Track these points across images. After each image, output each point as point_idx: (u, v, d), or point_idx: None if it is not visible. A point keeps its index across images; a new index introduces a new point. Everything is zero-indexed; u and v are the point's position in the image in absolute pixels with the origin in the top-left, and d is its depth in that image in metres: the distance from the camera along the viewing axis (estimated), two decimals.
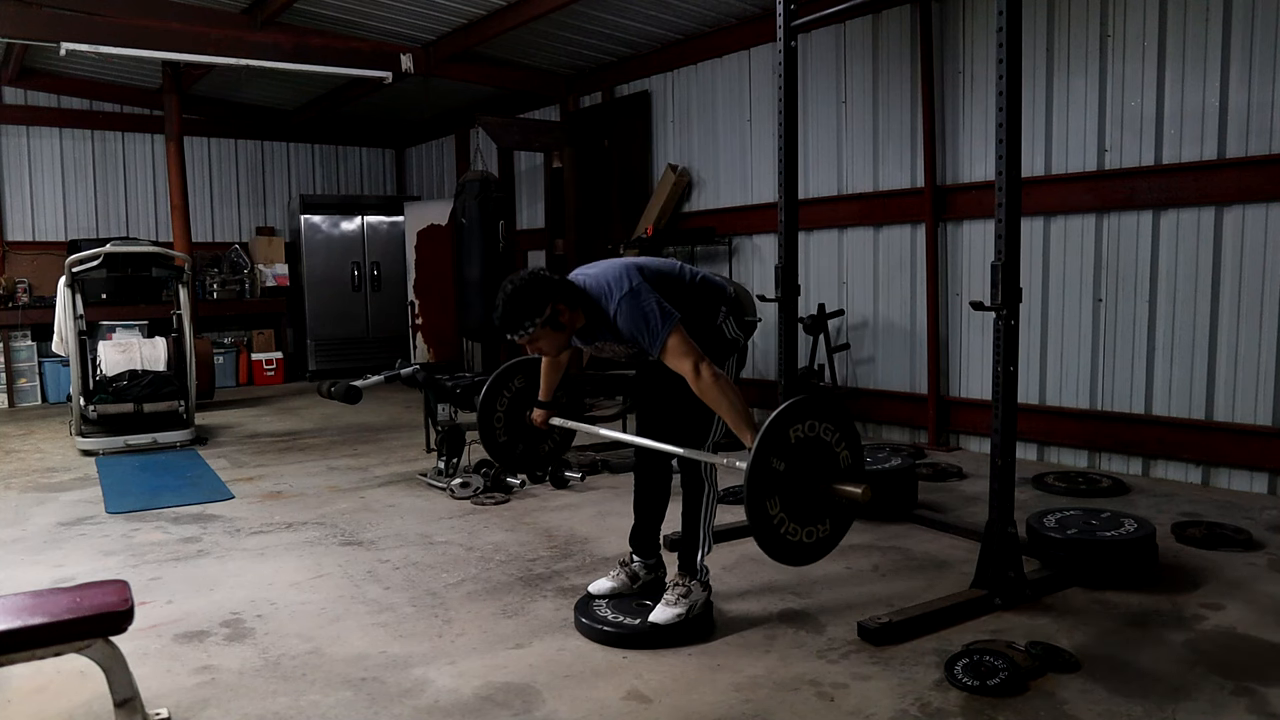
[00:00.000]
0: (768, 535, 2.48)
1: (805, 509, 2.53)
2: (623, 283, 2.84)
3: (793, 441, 2.53)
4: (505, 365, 3.58)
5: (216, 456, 6.22)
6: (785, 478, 2.50)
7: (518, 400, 3.54)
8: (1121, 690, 2.59)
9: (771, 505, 2.48)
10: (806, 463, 2.54)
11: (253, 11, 7.31)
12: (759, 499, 2.46)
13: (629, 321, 2.81)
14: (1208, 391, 4.79)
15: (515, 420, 3.54)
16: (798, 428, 2.55)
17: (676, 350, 2.76)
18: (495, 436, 3.53)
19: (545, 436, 3.61)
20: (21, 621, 2.08)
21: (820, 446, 2.58)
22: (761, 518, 2.47)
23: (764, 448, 2.48)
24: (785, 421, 2.53)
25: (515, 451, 3.58)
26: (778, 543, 2.50)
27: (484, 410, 3.50)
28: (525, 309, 2.81)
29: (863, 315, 6.43)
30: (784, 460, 2.50)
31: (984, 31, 5.56)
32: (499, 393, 3.52)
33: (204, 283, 9.80)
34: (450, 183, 10.60)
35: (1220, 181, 4.63)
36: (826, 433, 2.60)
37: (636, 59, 7.98)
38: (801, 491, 2.53)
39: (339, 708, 2.60)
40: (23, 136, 9.51)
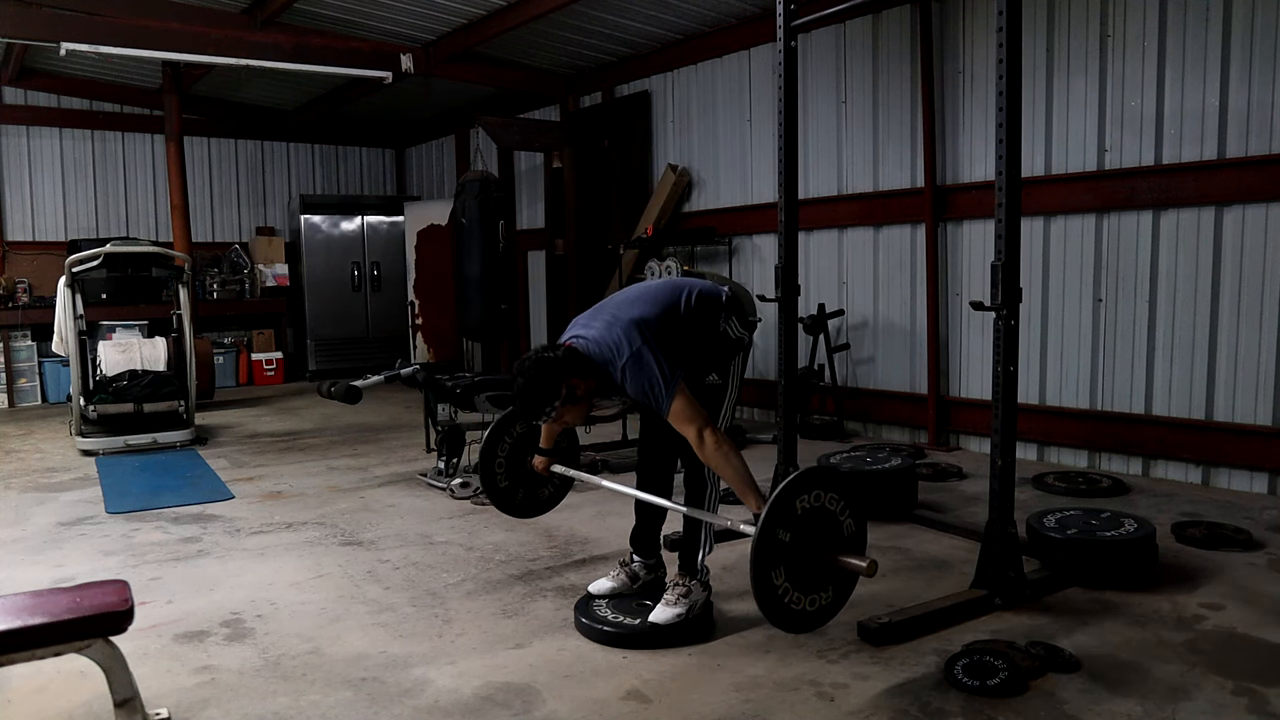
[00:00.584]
0: (772, 605, 2.48)
1: (809, 577, 2.54)
2: (624, 347, 2.84)
3: (799, 512, 2.53)
4: (507, 411, 3.60)
5: (216, 456, 6.22)
6: (791, 548, 2.50)
7: (519, 446, 3.56)
8: (1121, 690, 2.59)
9: (777, 575, 2.48)
10: (812, 532, 2.54)
11: (253, 11, 7.31)
12: (765, 569, 2.46)
13: (635, 386, 2.84)
14: (1208, 391, 4.79)
15: (516, 466, 3.57)
16: (804, 498, 2.54)
17: (681, 415, 2.79)
18: (496, 482, 3.55)
19: (545, 482, 3.64)
20: (21, 621, 2.08)
21: (825, 516, 2.58)
22: (766, 588, 2.47)
23: (771, 519, 2.48)
24: (793, 492, 2.52)
25: (516, 497, 3.60)
26: (782, 612, 2.51)
27: (485, 456, 3.52)
28: (543, 396, 2.85)
29: (863, 315, 6.43)
30: (790, 531, 2.50)
31: (984, 31, 5.56)
32: (500, 438, 3.54)
33: (204, 283, 9.80)
34: (450, 183, 10.61)
35: (1220, 181, 4.63)
36: (831, 502, 2.60)
37: (636, 59, 7.98)
38: (806, 561, 2.53)
39: (339, 708, 2.60)
40: (23, 136, 9.51)
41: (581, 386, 2.89)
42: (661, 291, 3.07)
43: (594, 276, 8.42)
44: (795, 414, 4.37)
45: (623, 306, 2.98)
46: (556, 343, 2.98)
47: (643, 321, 2.89)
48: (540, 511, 3.68)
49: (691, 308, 3.04)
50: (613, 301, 3.07)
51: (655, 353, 2.81)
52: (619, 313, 2.95)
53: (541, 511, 3.69)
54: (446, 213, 9.52)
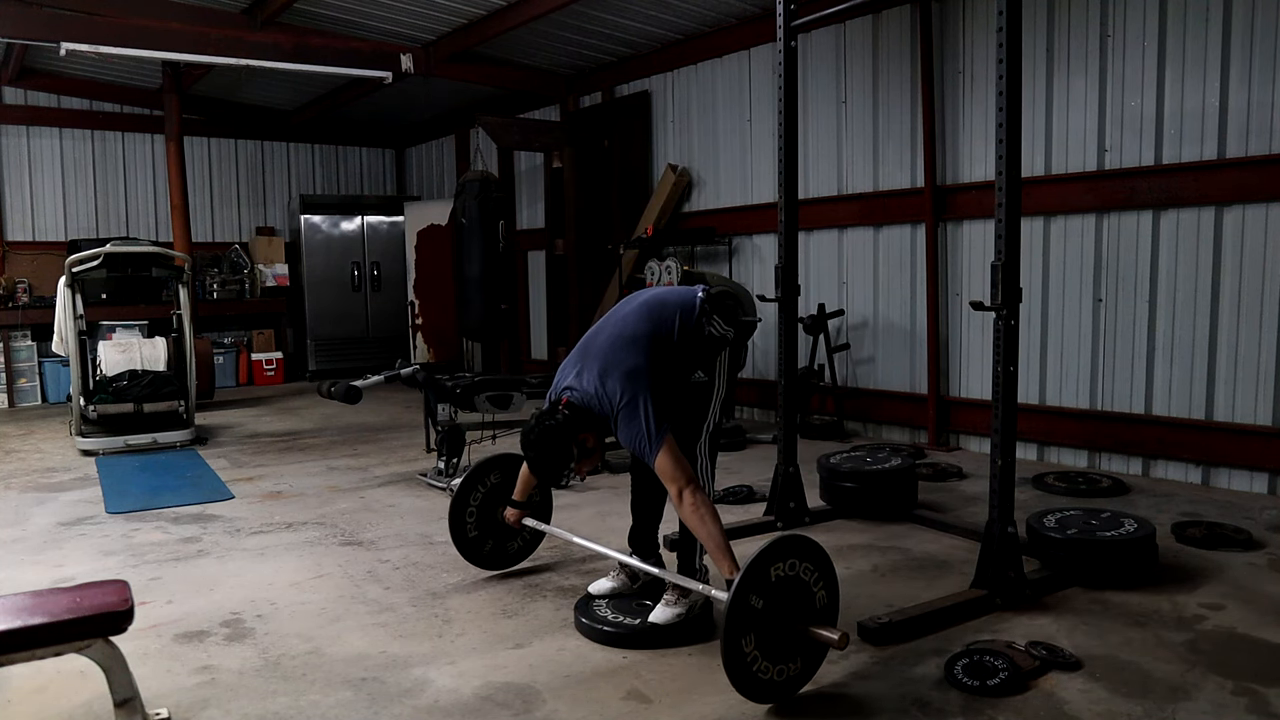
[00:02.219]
0: (740, 672, 2.45)
1: (779, 647, 2.51)
2: (616, 398, 2.87)
3: (773, 579, 2.51)
4: (481, 461, 3.62)
5: (216, 456, 6.22)
6: (763, 615, 2.48)
7: (491, 496, 3.58)
8: (1121, 690, 2.59)
9: (746, 643, 2.45)
10: (784, 601, 2.52)
11: (253, 11, 7.31)
12: (736, 636, 2.43)
13: (625, 436, 2.90)
14: (1208, 391, 4.79)
15: (487, 516, 3.59)
16: (779, 566, 2.52)
17: (665, 471, 2.82)
18: (465, 531, 3.57)
19: (515, 535, 3.65)
20: (21, 621, 2.08)
21: (798, 586, 2.56)
22: (736, 655, 2.44)
23: (745, 585, 2.45)
24: (768, 560, 2.50)
25: (484, 549, 3.62)
26: (749, 680, 2.47)
27: (456, 504, 3.54)
28: (558, 462, 2.95)
29: (863, 315, 6.43)
30: (763, 598, 2.48)
31: (984, 31, 5.56)
32: (473, 487, 3.56)
33: (204, 283, 9.80)
34: (450, 183, 10.60)
35: (1220, 181, 4.63)
36: (806, 572, 2.58)
37: (636, 59, 7.98)
38: (777, 630, 2.51)
39: (339, 708, 2.60)
40: (23, 136, 9.51)
41: (591, 439, 2.97)
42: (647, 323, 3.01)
43: (594, 276, 8.42)
44: (795, 414, 4.37)
45: (614, 351, 2.95)
46: (553, 402, 2.99)
47: (635, 371, 2.89)
48: (507, 565, 3.69)
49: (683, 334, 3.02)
50: (602, 341, 3.01)
51: (646, 404, 2.83)
52: (611, 360, 2.93)
53: (509, 565, 3.69)
54: (446, 213, 9.52)
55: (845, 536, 4.09)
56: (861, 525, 4.25)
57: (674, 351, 3.01)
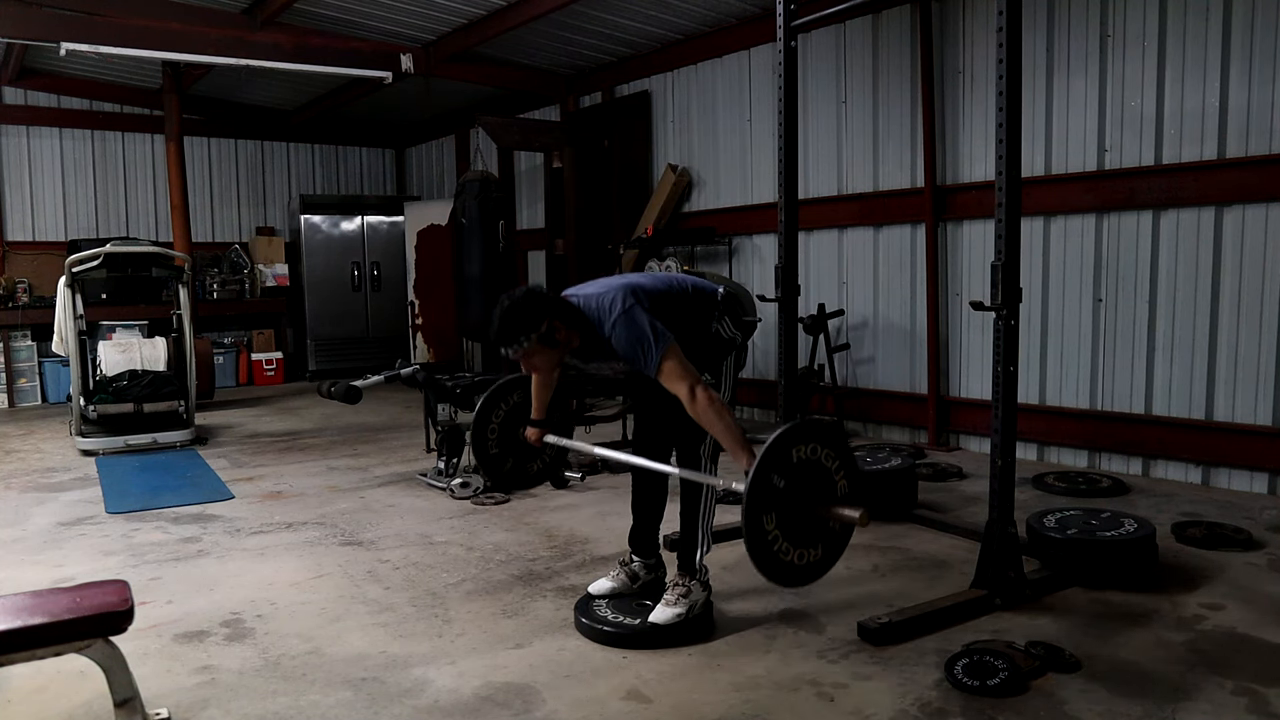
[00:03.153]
0: (761, 550, 2.47)
1: (800, 530, 2.53)
2: (617, 304, 2.84)
3: (794, 461, 2.53)
4: (504, 380, 3.58)
5: (216, 456, 6.22)
6: (784, 495, 2.50)
7: (513, 415, 3.53)
8: (1121, 690, 2.59)
9: (768, 520, 2.47)
10: (805, 484, 2.54)
11: (253, 11, 7.31)
12: (757, 512, 2.45)
13: (624, 343, 2.82)
14: (1208, 391, 4.79)
15: (509, 435, 3.55)
16: (800, 448, 2.55)
17: (672, 372, 2.77)
18: (487, 449, 3.53)
19: (536, 455, 3.62)
20: (21, 621, 2.08)
21: (820, 471, 2.58)
22: (757, 532, 2.46)
23: (767, 462, 2.48)
24: (789, 440, 2.52)
25: (505, 467, 3.58)
26: (770, 559, 2.49)
27: (479, 422, 3.50)
28: (520, 324, 2.82)
29: (863, 315, 6.43)
30: (784, 478, 2.50)
31: (984, 31, 5.55)
32: (496, 405, 3.52)
33: (204, 283, 9.80)
34: (450, 183, 10.60)
35: (1220, 181, 4.63)
36: (828, 459, 2.60)
37: (636, 59, 7.98)
38: (798, 512, 2.53)
39: (339, 708, 2.60)
40: (23, 136, 9.51)
41: (562, 332, 2.86)
42: (660, 276, 3.16)
43: (594, 276, 8.39)
44: (795, 414, 4.37)
45: (621, 277, 3.06)
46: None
47: (639, 288, 2.93)
48: (528, 485, 3.63)
49: (689, 296, 3.08)
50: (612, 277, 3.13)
51: (648, 313, 2.82)
52: (617, 279, 3.01)
53: (529, 485, 3.63)
54: (446, 213, 9.51)
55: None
56: None
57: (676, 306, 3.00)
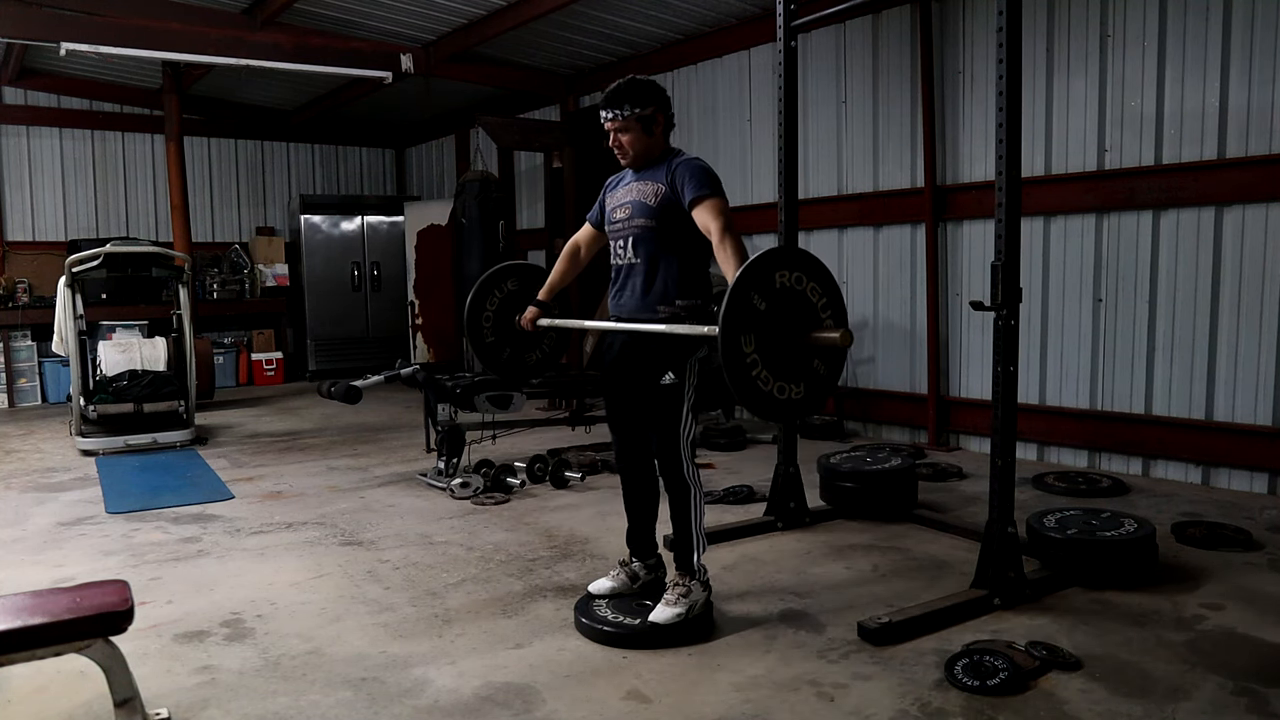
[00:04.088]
0: (739, 374, 2.35)
1: (781, 361, 2.41)
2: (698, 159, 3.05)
3: (778, 286, 2.43)
4: (499, 266, 3.47)
5: (216, 456, 6.22)
6: (764, 318, 2.38)
7: (508, 303, 3.43)
8: (1121, 690, 2.59)
9: (746, 342, 2.35)
10: (788, 312, 2.43)
11: (253, 11, 7.31)
12: (735, 332, 2.34)
13: (690, 168, 2.98)
14: (1208, 391, 4.79)
15: (504, 323, 3.44)
16: (784, 274, 2.45)
17: (716, 205, 2.91)
18: (483, 336, 3.42)
19: (535, 344, 3.52)
20: (21, 621, 2.08)
21: (804, 303, 2.47)
22: (735, 352, 2.34)
23: (746, 280, 2.38)
24: (773, 262, 2.43)
25: (502, 356, 3.47)
26: (749, 387, 2.37)
27: (473, 307, 3.38)
28: (635, 95, 3.03)
29: (863, 315, 6.43)
30: (765, 300, 2.39)
31: (984, 31, 5.56)
32: (490, 292, 3.42)
33: (204, 283, 9.80)
34: (450, 183, 10.60)
35: (1220, 181, 4.63)
36: (814, 293, 2.50)
37: (636, 59, 7.98)
38: (779, 341, 2.41)
39: (339, 708, 2.60)
40: (23, 136, 9.51)
41: (660, 127, 3.08)
42: None
43: (594, 276, 8.39)
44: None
45: None
46: None
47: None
48: (527, 376, 3.51)
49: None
50: None
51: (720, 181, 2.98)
52: None
53: (529, 377, 3.50)
54: (446, 213, 9.51)
55: (845, 536, 4.09)
56: (861, 525, 4.25)
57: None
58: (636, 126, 3.05)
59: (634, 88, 3.04)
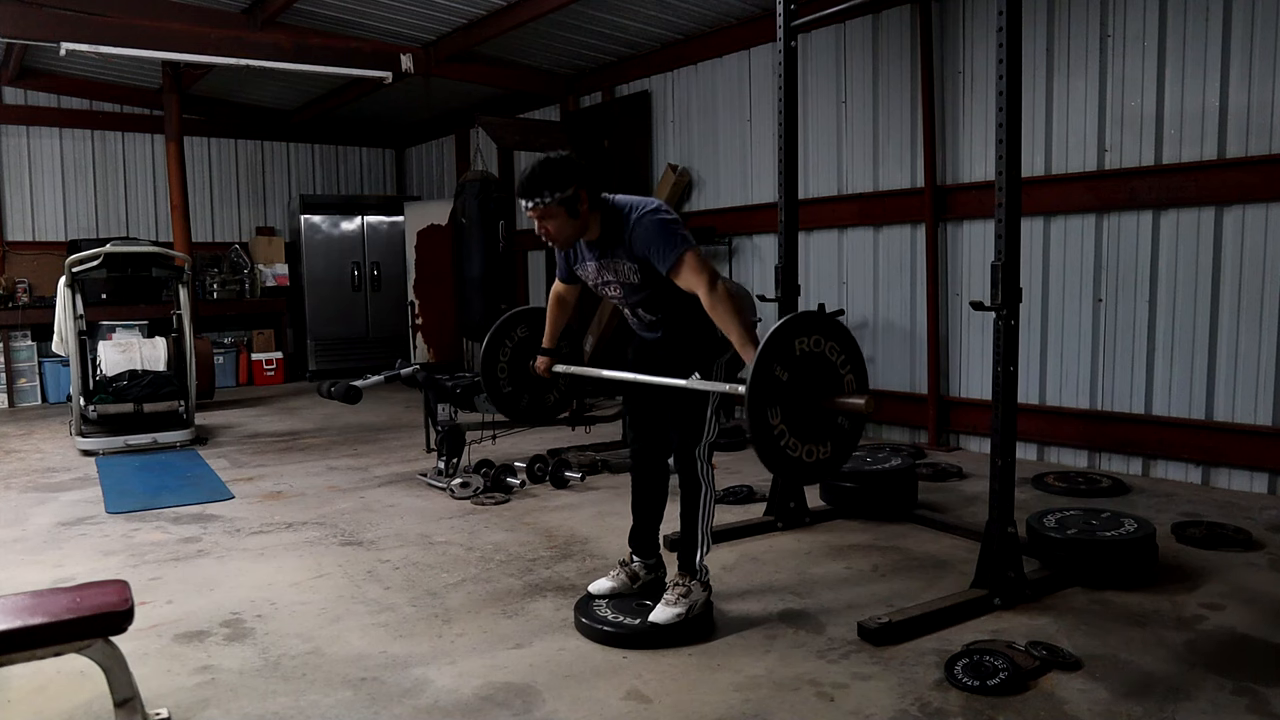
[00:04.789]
0: (768, 447, 2.39)
1: (807, 426, 2.45)
2: (650, 204, 2.92)
3: (798, 354, 2.46)
4: (507, 314, 3.49)
5: (216, 456, 6.22)
6: (788, 388, 2.42)
7: (520, 350, 3.45)
8: (1121, 690, 2.59)
9: (773, 415, 2.39)
10: (810, 377, 2.46)
11: (253, 11, 7.31)
12: (761, 406, 2.37)
13: (646, 234, 2.85)
14: (1208, 391, 4.79)
15: (519, 370, 3.46)
16: (803, 340, 2.48)
17: (692, 265, 2.80)
18: (499, 387, 3.44)
19: (550, 386, 3.53)
20: (21, 621, 2.08)
21: (825, 364, 2.50)
22: (762, 426, 2.38)
23: (768, 353, 2.41)
24: (791, 331, 2.46)
25: (521, 403, 3.48)
26: (778, 456, 2.41)
27: (487, 360, 3.41)
28: (550, 180, 2.85)
29: (863, 315, 6.43)
30: (787, 370, 2.43)
31: (984, 31, 5.55)
32: (501, 342, 3.43)
33: (204, 283, 9.80)
34: (450, 183, 10.60)
35: (1220, 181, 4.63)
36: (832, 352, 2.52)
37: (636, 59, 7.98)
38: (803, 406, 2.45)
39: (339, 708, 2.60)
40: (23, 136, 9.51)
41: (585, 204, 2.90)
42: None
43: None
44: None
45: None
46: None
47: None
48: (547, 418, 3.53)
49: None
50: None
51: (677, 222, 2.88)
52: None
53: (548, 418, 3.52)
54: (446, 213, 9.51)
55: (845, 536, 4.09)
56: (861, 525, 4.25)
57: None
58: (560, 211, 2.88)
59: (549, 171, 2.86)
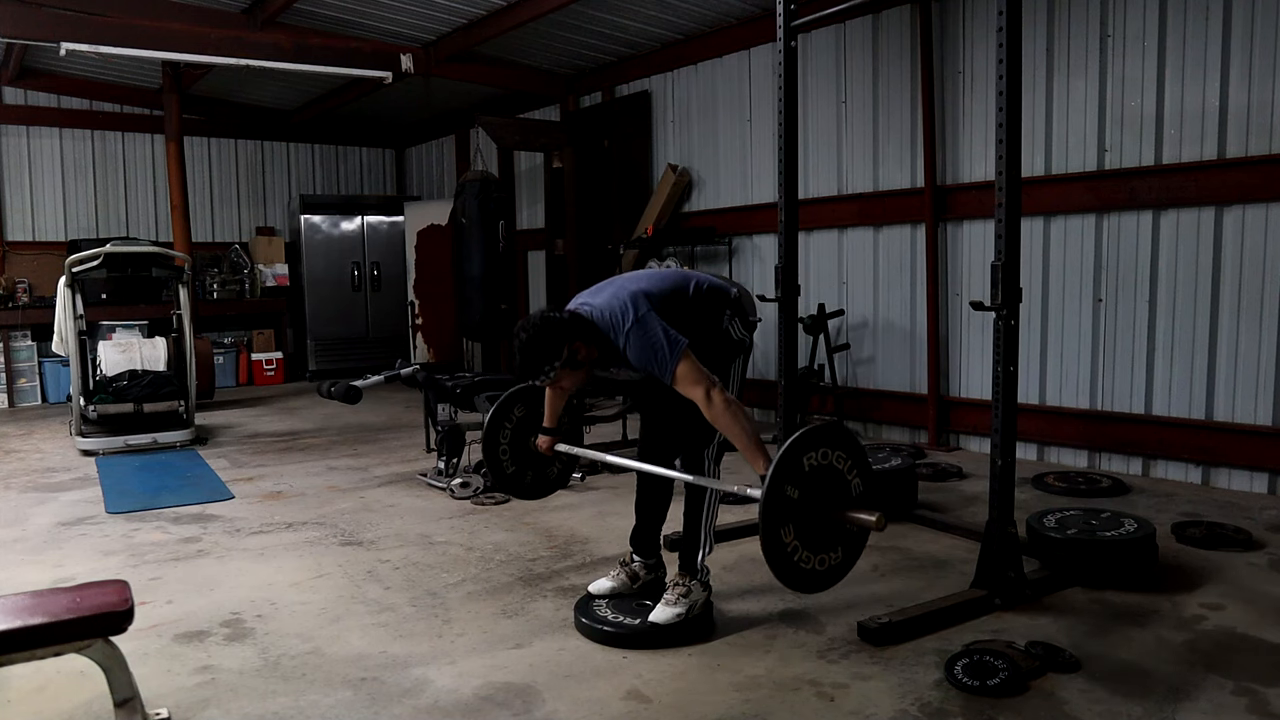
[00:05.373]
0: (783, 564, 2.45)
1: (818, 536, 2.51)
2: (628, 313, 2.85)
3: (806, 470, 2.51)
4: (505, 396, 3.56)
5: (216, 456, 6.22)
6: (799, 506, 2.48)
7: (520, 429, 3.52)
8: (1121, 690, 2.59)
9: (786, 533, 2.46)
10: (820, 490, 2.52)
11: (253, 11, 7.31)
12: (774, 527, 2.44)
13: (638, 353, 2.83)
14: (1208, 391, 4.79)
15: (520, 448, 3.53)
16: (811, 455, 2.52)
17: (687, 378, 2.77)
18: (503, 469, 3.51)
19: (552, 461, 3.60)
20: (21, 621, 2.08)
21: (833, 474, 2.56)
22: (776, 547, 2.44)
23: (779, 475, 2.46)
24: (799, 449, 2.50)
25: (525, 480, 3.56)
26: (792, 571, 2.48)
27: (488, 444, 3.48)
28: (543, 355, 2.85)
29: (863, 315, 6.43)
30: (798, 488, 2.48)
31: (984, 31, 5.55)
32: (501, 424, 3.50)
33: (204, 283, 9.80)
34: (450, 183, 10.60)
35: (1220, 181, 4.63)
36: (839, 460, 2.58)
37: (636, 59, 7.98)
38: (815, 519, 2.51)
39: (339, 708, 2.60)
40: (23, 136, 9.51)
41: (583, 351, 2.89)
42: (670, 275, 3.11)
43: (594, 276, 8.32)
44: (795, 414, 4.37)
45: (629, 281, 3.02)
46: (562, 308, 2.97)
47: (648, 294, 2.92)
48: (550, 491, 3.61)
49: (701, 294, 3.07)
50: (619, 278, 3.09)
51: (659, 320, 2.82)
52: (625, 285, 2.98)
53: (551, 491, 3.61)
54: (446, 213, 9.52)
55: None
56: None
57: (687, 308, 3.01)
58: (567, 370, 2.90)
59: (539, 347, 2.84)
